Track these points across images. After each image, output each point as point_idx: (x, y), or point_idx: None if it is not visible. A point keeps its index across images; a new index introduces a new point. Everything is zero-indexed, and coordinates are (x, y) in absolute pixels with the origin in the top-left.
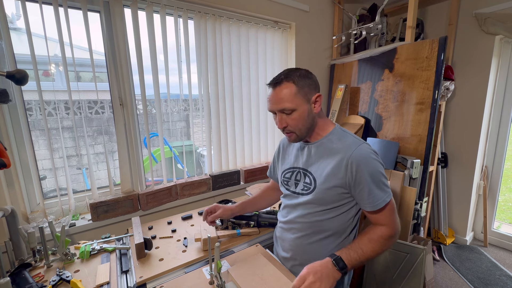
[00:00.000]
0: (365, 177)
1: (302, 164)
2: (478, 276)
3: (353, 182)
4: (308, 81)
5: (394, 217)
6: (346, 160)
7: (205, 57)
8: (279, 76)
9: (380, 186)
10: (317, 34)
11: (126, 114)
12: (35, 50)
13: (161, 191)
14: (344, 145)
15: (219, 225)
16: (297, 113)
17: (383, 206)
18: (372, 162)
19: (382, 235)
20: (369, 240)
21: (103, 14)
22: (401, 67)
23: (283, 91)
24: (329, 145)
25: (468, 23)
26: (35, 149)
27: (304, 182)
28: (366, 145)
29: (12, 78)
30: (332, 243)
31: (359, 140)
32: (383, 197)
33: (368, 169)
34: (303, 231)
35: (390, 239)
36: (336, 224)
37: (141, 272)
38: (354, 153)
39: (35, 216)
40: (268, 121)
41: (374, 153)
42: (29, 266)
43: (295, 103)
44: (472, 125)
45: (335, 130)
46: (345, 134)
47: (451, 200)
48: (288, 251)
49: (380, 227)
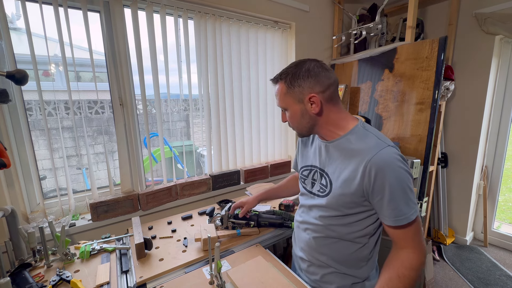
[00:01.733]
0: (386, 188)
1: (319, 164)
2: (478, 276)
3: (370, 190)
4: (303, 80)
5: (421, 237)
6: (365, 164)
7: (205, 57)
8: (277, 75)
9: (405, 199)
10: (317, 34)
11: (126, 114)
12: (35, 50)
13: (161, 191)
14: (364, 147)
15: (219, 225)
16: (289, 113)
17: (406, 224)
18: (396, 170)
19: (412, 266)
20: (398, 276)
21: (103, 14)
22: (401, 67)
23: (278, 90)
24: (347, 146)
25: (468, 23)
26: (35, 149)
27: (321, 183)
28: (392, 149)
29: (12, 78)
30: (349, 247)
31: (384, 141)
32: (407, 213)
33: (390, 178)
34: (317, 232)
35: (420, 267)
36: (352, 230)
37: (141, 272)
38: (375, 157)
39: (35, 216)
40: (268, 121)
41: (401, 159)
42: (29, 266)
43: (285, 102)
44: (472, 125)
45: (356, 129)
46: (367, 133)
47: (451, 200)
48: (304, 251)
49: (407, 255)
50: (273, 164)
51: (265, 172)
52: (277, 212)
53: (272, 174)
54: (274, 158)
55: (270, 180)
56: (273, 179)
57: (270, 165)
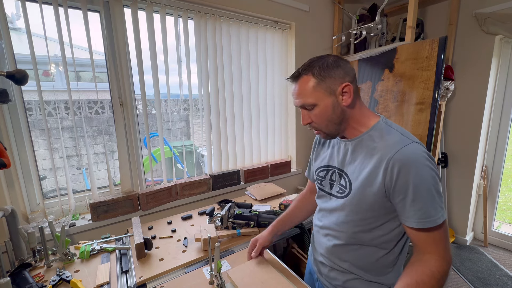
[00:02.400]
0: (410, 186)
1: (337, 164)
2: (478, 276)
3: (392, 189)
4: (333, 70)
5: (447, 246)
6: (387, 161)
7: (205, 57)
8: (298, 69)
9: (431, 201)
10: (317, 34)
11: (126, 114)
12: (35, 50)
13: (161, 191)
14: (387, 143)
15: (219, 225)
16: (319, 108)
17: (432, 227)
18: (421, 168)
19: (433, 274)
20: (417, 283)
21: (103, 14)
22: (401, 67)
23: (302, 86)
24: (369, 143)
25: (468, 23)
26: (35, 149)
27: (340, 184)
28: (418, 146)
29: (12, 78)
30: (373, 254)
31: (409, 138)
32: (433, 216)
33: (414, 176)
34: (339, 239)
35: (444, 277)
36: (376, 235)
37: (141, 272)
38: (398, 153)
39: (35, 216)
40: (268, 121)
41: (428, 158)
42: (29, 266)
43: (315, 97)
44: (472, 125)
45: (379, 125)
46: (390, 130)
47: (451, 200)
48: (324, 257)
49: (429, 262)
50: (273, 164)
51: (265, 172)
52: (277, 212)
53: (272, 174)
54: (274, 158)
55: (270, 180)
56: (273, 179)
57: (270, 165)
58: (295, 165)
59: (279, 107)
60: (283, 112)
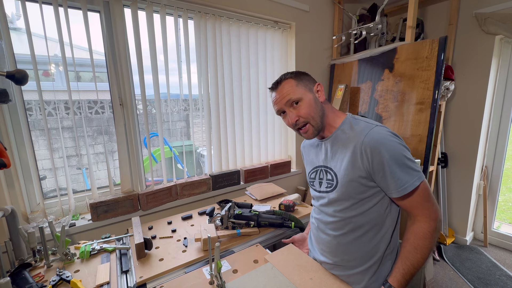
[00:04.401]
0: (384, 161)
1: (322, 162)
2: (478, 276)
3: (371, 169)
4: (304, 76)
5: (430, 202)
6: (360, 146)
7: (205, 57)
8: (277, 79)
9: (404, 169)
10: (317, 34)
11: (126, 114)
12: (35, 50)
13: (161, 191)
14: (356, 132)
15: (219, 225)
16: (305, 101)
17: (412, 190)
18: (389, 143)
19: (425, 235)
20: (415, 248)
21: (103, 14)
22: (401, 67)
23: (284, 87)
24: (343, 136)
25: (468, 23)
26: (35, 149)
27: (327, 179)
28: (381, 127)
29: (12, 78)
30: (372, 239)
31: (372, 123)
32: (410, 180)
33: (385, 153)
34: (338, 230)
35: (434, 233)
36: (371, 217)
37: (141, 272)
38: (367, 137)
39: (35, 216)
40: (268, 121)
41: (391, 134)
42: (29, 266)
43: (299, 93)
44: (472, 125)
45: (347, 120)
46: (357, 121)
47: (451, 200)
48: (326, 253)
49: (418, 225)
50: (273, 164)
51: (265, 172)
52: (277, 212)
53: (272, 174)
54: (274, 158)
55: (270, 180)
56: (273, 179)
57: (270, 165)
58: (295, 165)
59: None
60: None
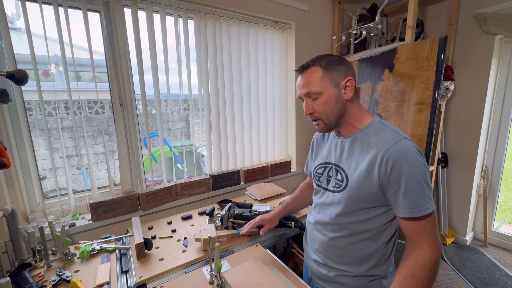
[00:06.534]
0: (402, 177)
1: (334, 160)
2: (478, 276)
3: (386, 181)
4: (339, 66)
5: (437, 233)
6: (381, 155)
7: (205, 57)
8: (307, 61)
9: (420, 192)
10: (317, 34)
11: (126, 114)
12: (35, 50)
13: (161, 191)
14: (382, 139)
15: (219, 225)
16: (324, 98)
17: (421, 216)
18: (413, 162)
19: (425, 264)
20: (412, 276)
21: (103, 14)
22: (401, 67)
23: (309, 75)
24: (365, 140)
25: (468, 23)
26: (35, 149)
27: (336, 179)
28: (409, 142)
29: (12, 78)
30: (367, 247)
31: (401, 135)
32: (423, 205)
33: (406, 169)
34: (335, 232)
35: (435, 265)
36: (370, 227)
37: (141, 272)
38: (392, 148)
39: (35, 216)
40: (268, 121)
41: (418, 153)
42: (29, 266)
43: (321, 86)
44: (472, 125)
45: (373, 123)
46: (384, 127)
47: (451, 200)
48: (320, 253)
49: (420, 252)
50: (273, 164)
51: (265, 172)
52: None
53: (272, 174)
54: (274, 158)
55: (270, 180)
56: (273, 179)
57: (270, 165)
58: (295, 165)
59: (279, 107)
60: (283, 112)
